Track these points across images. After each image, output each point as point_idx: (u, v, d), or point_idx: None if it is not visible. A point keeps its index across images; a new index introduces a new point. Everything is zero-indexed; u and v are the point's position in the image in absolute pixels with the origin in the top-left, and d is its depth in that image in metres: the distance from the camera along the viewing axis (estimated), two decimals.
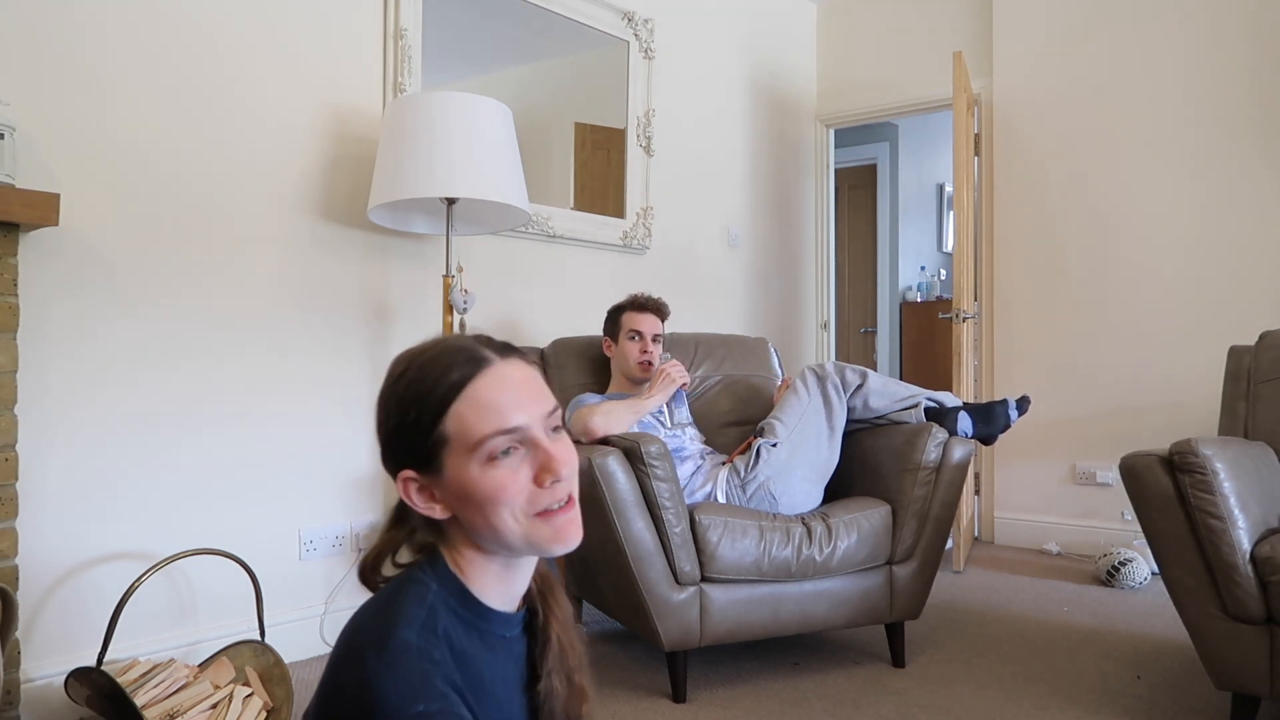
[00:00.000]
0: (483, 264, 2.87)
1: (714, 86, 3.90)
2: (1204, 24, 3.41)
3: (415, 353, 0.88)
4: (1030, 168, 3.81)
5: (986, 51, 3.98)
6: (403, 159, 2.21)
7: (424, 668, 0.74)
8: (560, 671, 0.94)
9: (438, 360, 0.85)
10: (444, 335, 0.91)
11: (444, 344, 0.88)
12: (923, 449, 2.29)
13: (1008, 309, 3.88)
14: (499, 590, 0.89)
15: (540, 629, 0.94)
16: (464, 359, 0.85)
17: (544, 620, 0.95)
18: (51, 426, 1.95)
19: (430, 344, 0.88)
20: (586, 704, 0.96)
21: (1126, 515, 3.52)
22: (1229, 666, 1.82)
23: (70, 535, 1.98)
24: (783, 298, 4.35)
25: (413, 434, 0.84)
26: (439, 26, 2.73)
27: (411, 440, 0.84)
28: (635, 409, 2.34)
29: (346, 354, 2.50)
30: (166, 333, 2.14)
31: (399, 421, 0.85)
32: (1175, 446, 1.84)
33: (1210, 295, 3.40)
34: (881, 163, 6.00)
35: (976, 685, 2.19)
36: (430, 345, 0.88)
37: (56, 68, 1.97)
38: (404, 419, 0.84)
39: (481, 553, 0.88)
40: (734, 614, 2.12)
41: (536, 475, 0.85)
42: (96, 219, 2.03)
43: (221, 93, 2.25)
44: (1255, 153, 3.31)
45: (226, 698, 1.74)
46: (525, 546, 0.86)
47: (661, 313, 2.61)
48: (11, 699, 1.77)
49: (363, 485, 2.53)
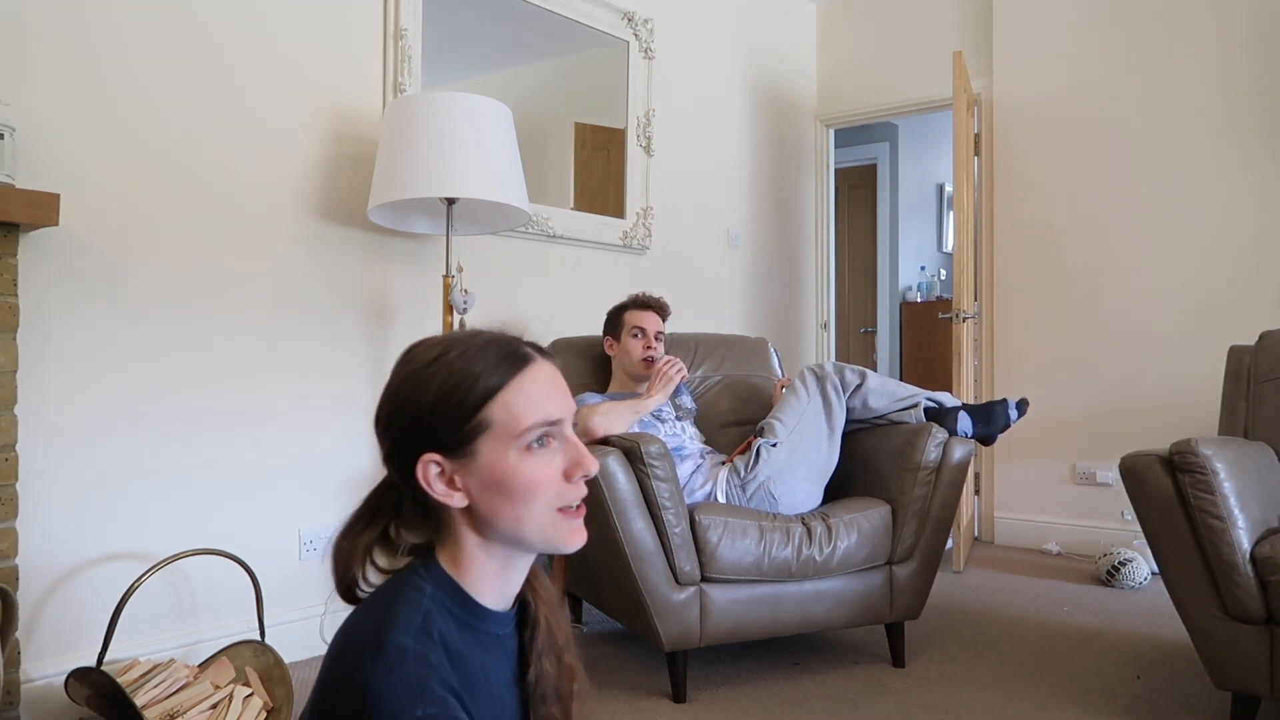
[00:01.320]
0: (483, 264, 2.87)
1: (714, 86, 3.90)
2: (1204, 24, 3.41)
3: (455, 339, 0.89)
4: (1030, 168, 3.81)
5: (986, 51, 3.98)
6: (402, 159, 2.21)
7: (421, 672, 0.74)
8: (550, 653, 0.95)
9: (488, 348, 0.87)
10: (479, 329, 0.91)
11: (489, 335, 0.90)
12: (923, 449, 2.29)
13: (1008, 309, 3.88)
14: (496, 588, 0.89)
15: (531, 616, 0.95)
16: (513, 350, 0.88)
17: (533, 605, 0.95)
18: (51, 427, 1.95)
19: (471, 333, 0.90)
20: (577, 682, 0.97)
21: (1126, 515, 3.52)
22: (1229, 666, 1.82)
23: (70, 535, 1.98)
24: (783, 298, 4.35)
25: (453, 416, 0.84)
26: (439, 26, 2.73)
27: (449, 422, 0.84)
28: (635, 409, 2.34)
29: (346, 354, 2.50)
30: (166, 333, 2.14)
31: (436, 402, 0.85)
32: (1175, 446, 1.84)
33: (1210, 295, 3.40)
34: (881, 163, 6.00)
35: (976, 685, 2.19)
36: (472, 334, 0.90)
37: (56, 68, 1.97)
38: (445, 400, 0.84)
39: (483, 550, 0.87)
40: (734, 614, 2.12)
41: (567, 470, 0.87)
42: (96, 219, 2.03)
43: (221, 93, 2.25)
44: (1255, 152, 3.31)
45: (226, 698, 1.74)
46: (539, 541, 0.87)
47: (663, 311, 2.63)
48: (11, 699, 1.77)
49: (363, 485, 2.51)
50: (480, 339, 0.89)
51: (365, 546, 0.89)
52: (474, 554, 0.88)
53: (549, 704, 0.93)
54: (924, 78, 4.19)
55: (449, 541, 0.88)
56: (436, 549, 0.89)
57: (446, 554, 0.88)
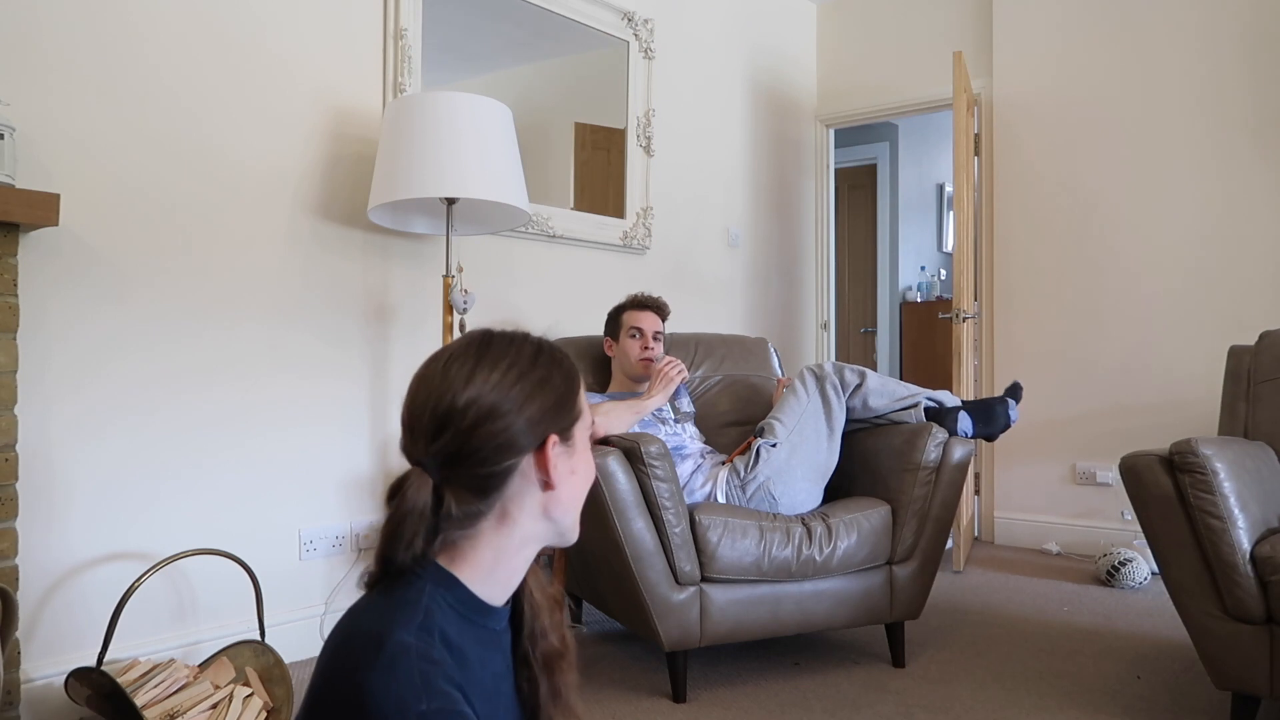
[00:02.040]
0: (483, 264, 2.87)
1: (714, 86, 3.91)
2: (1204, 24, 3.41)
3: (535, 338, 0.93)
4: (1030, 168, 3.81)
5: (986, 51, 3.98)
6: (403, 159, 2.21)
7: (424, 667, 0.74)
8: (544, 632, 0.98)
9: (556, 346, 0.95)
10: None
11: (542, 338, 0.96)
12: (923, 449, 2.29)
13: (1008, 309, 3.88)
14: (501, 583, 0.90)
15: (525, 598, 0.97)
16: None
17: (523, 586, 0.97)
18: (52, 427, 1.95)
19: (526, 333, 0.95)
20: (568, 655, 1.00)
21: (1126, 515, 3.52)
22: (1229, 666, 1.82)
23: (70, 535, 1.98)
24: (783, 298, 4.35)
25: (572, 401, 0.92)
26: (439, 26, 2.73)
27: (571, 407, 0.92)
28: (635, 409, 2.34)
29: (347, 354, 2.50)
30: (166, 333, 2.14)
31: (565, 389, 0.91)
32: (1175, 446, 1.84)
33: (1210, 295, 3.40)
34: (881, 163, 6.00)
35: (976, 685, 2.19)
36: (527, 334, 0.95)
37: (56, 68, 1.97)
38: (568, 388, 0.91)
39: (507, 544, 0.89)
40: (734, 614, 2.12)
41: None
42: (96, 219, 2.03)
43: (222, 93, 2.25)
44: (1255, 152, 3.31)
45: (226, 698, 1.74)
46: (571, 528, 0.93)
47: (662, 311, 2.62)
48: (11, 699, 1.77)
49: (363, 485, 2.53)
50: (542, 338, 0.96)
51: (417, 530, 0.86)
52: (492, 549, 0.88)
53: (545, 687, 0.97)
54: (924, 78, 4.19)
55: (458, 539, 0.88)
56: (447, 546, 0.89)
57: (445, 552, 0.88)
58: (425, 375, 0.89)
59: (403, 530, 0.82)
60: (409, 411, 0.88)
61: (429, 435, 0.85)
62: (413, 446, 0.87)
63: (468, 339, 0.92)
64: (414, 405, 0.88)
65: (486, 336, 0.91)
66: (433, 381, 0.87)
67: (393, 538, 0.83)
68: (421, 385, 0.88)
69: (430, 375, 0.88)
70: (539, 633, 0.97)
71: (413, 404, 0.88)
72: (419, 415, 0.86)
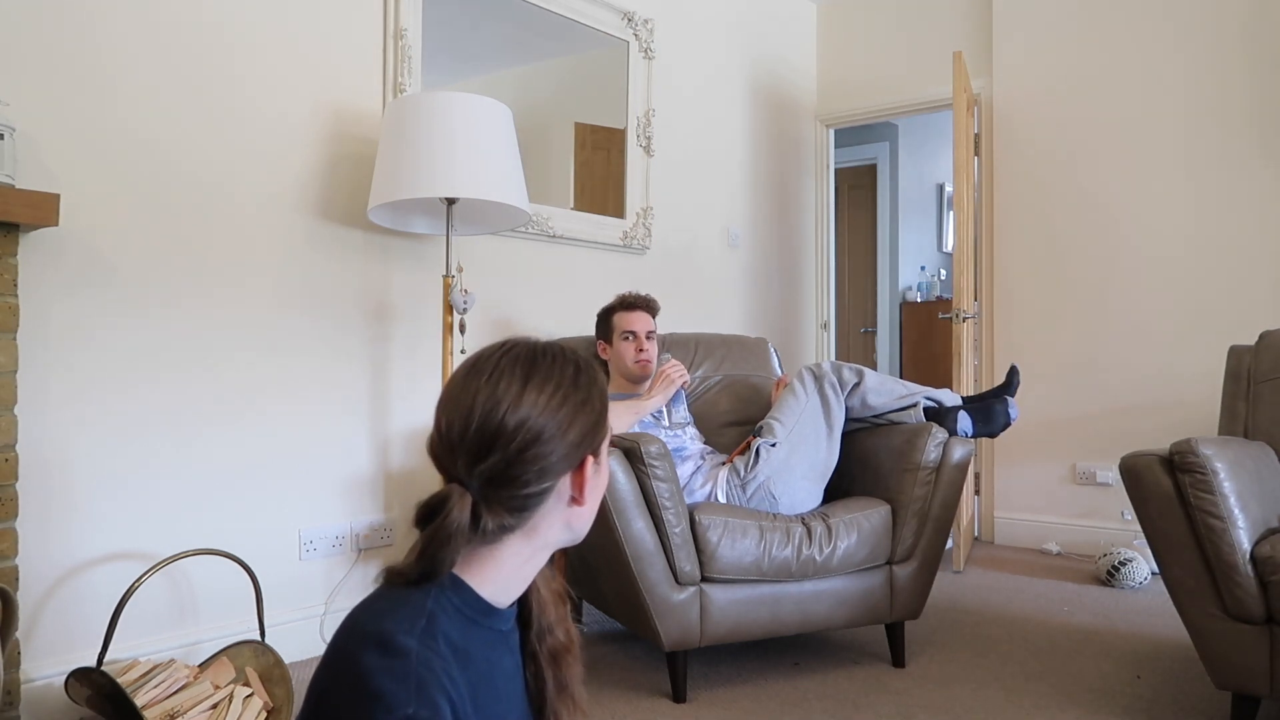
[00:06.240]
0: (483, 264, 2.87)
1: (714, 86, 3.91)
2: (1203, 23, 3.41)
3: (573, 354, 0.93)
4: (1030, 167, 3.81)
5: (986, 51, 3.98)
6: (403, 159, 2.21)
7: (421, 674, 0.75)
8: (550, 627, 0.99)
9: (590, 362, 0.95)
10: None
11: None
12: (923, 449, 2.29)
13: (1008, 309, 3.88)
14: (514, 585, 0.90)
15: (531, 594, 0.97)
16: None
17: (531, 593, 0.97)
18: (52, 427, 1.95)
19: (562, 346, 0.95)
20: (573, 648, 1.01)
21: (1126, 515, 3.52)
22: (1229, 666, 1.82)
23: (70, 535, 1.98)
24: (783, 298, 4.35)
25: (605, 419, 0.93)
26: (439, 26, 2.73)
27: (604, 425, 0.93)
28: (635, 410, 2.34)
29: (347, 354, 2.50)
30: (167, 333, 2.14)
31: (601, 408, 0.92)
32: (1175, 446, 1.84)
33: (1210, 295, 3.40)
34: (881, 163, 6.00)
35: (976, 685, 2.19)
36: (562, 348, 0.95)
37: (56, 68, 1.97)
38: (602, 406, 0.93)
39: (528, 549, 0.89)
40: (734, 614, 2.12)
41: None
42: (96, 219, 2.03)
43: (222, 93, 2.25)
44: (1255, 152, 3.31)
45: (226, 698, 1.74)
46: (584, 533, 0.95)
47: (651, 309, 2.60)
48: (11, 699, 1.77)
49: (363, 486, 2.53)
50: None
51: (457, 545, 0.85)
52: (513, 560, 0.88)
53: (550, 681, 0.98)
54: (924, 78, 4.19)
55: (480, 549, 0.87)
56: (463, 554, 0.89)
57: (462, 560, 0.88)
58: (468, 386, 0.85)
59: (446, 552, 0.81)
60: (447, 421, 0.85)
61: (474, 454, 0.83)
62: (451, 462, 0.84)
63: (510, 353, 0.88)
64: (455, 417, 0.84)
65: (530, 352, 0.89)
66: (478, 395, 0.84)
67: (436, 558, 0.81)
68: (463, 395, 0.85)
69: (475, 388, 0.85)
70: (545, 628, 0.98)
71: (452, 414, 0.85)
72: (462, 429, 0.83)
